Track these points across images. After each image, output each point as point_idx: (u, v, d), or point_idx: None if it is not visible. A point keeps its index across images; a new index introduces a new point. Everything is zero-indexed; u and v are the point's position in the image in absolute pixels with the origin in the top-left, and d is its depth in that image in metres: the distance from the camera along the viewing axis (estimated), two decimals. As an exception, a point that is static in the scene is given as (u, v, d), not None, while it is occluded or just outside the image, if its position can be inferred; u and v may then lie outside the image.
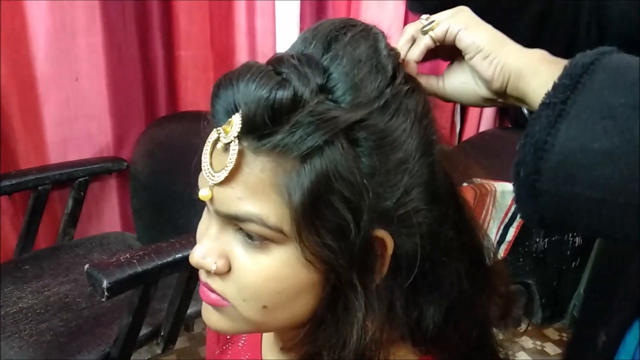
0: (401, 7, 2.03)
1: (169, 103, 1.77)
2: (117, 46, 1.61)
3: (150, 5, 1.63)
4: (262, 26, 1.79)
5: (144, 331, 1.26)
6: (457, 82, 0.51)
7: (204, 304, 0.49)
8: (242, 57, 1.76)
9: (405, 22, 2.07)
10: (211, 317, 0.49)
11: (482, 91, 0.50)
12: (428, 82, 0.52)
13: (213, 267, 0.45)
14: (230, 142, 0.41)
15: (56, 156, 1.59)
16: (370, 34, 0.45)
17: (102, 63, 1.59)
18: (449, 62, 0.54)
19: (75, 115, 1.59)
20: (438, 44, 0.50)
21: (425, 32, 0.51)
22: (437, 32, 0.50)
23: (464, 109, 2.42)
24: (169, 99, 1.77)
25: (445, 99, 0.53)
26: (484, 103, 0.51)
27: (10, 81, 1.45)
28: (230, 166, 0.41)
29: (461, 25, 0.48)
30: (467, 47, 0.48)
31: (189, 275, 1.25)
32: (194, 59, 1.71)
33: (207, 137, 0.44)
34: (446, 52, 0.52)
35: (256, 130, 0.41)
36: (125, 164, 1.70)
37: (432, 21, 0.50)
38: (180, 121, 1.70)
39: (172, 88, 1.75)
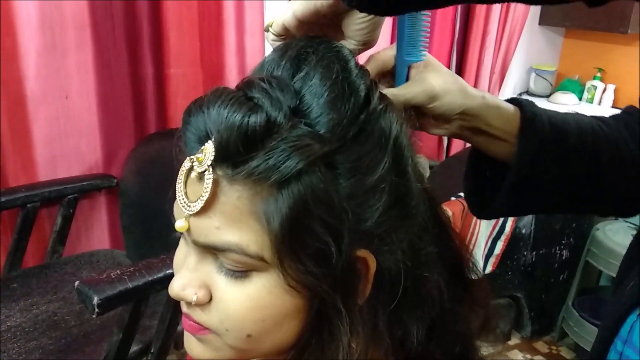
0: (387, 29, 2.06)
1: (158, 120, 1.78)
2: (107, 64, 1.62)
3: (140, 23, 1.65)
4: (251, 45, 1.81)
5: (133, 348, 1.25)
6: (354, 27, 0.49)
7: (186, 334, 0.48)
8: (231, 75, 1.77)
9: (393, 38, 2.10)
10: (195, 348, 0.47)
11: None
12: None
13: (194, 299, 0.44)
14: (205, 170, 0.40)
15: (45, 174, 1.58)
16: (339, 53, 0.45)
17: (92, 81, 1.60)
18: None
19: (65, 133, 1.59)
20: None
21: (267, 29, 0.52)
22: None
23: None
24: (158, 116, 1.77)
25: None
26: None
27: (0, 99, 1.45)
28: (206, 196, 0.40)
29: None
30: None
31: (180, 292, 1.23)
32: (184, 76, 1.72)
33: (179, 166, 0.43)
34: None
35: (230, 157, 0.40)
36: (115, 180, 1.70)
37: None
38: (170, 138, 1.65)
39: (161, 105, 1.75)
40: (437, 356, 0.50)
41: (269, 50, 0.51)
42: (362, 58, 0.52)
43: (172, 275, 1.27)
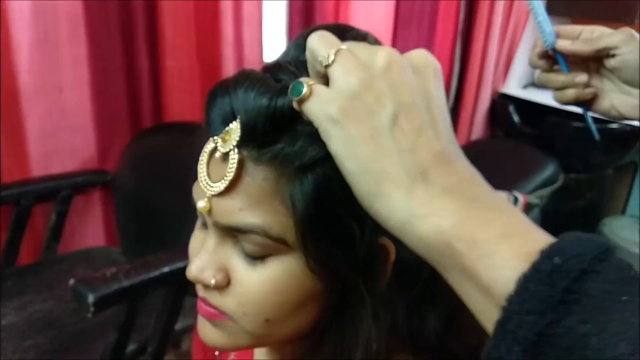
0: (390, 19, 2.03)
1: (154, 114, 1.75)
2: (101, 57, 1.59)
3: (135, 15, 1.61)
4: (249, 36, 1.77)
5: (130, 348, 1.24)
6: None
7: (200, 320, 0.47)
8: (229, 67, 1.74)
9: (394, 35, 2.07)
10: (209, 334, 0.47)
11: None
12: None
13: (212, 282, 0.43)
14: (230, 151, 0.40)
15: (39, 169, 1.55)
16: (365, 40, 0.44)
17: (86, 74, 1.56)
18: None
19: (59, 128, 1.56)
20: None
21: None
22: None
23: (455, 120, 2.42)
24: (154, 110, 1.74)
25: None
26: None
27: (-8, 93, 1.42)
28: (231, 176, 0.40)
29: None
30: None
31: (177, 290, 1.22)
32: (180, 69, 1.69)
33: (201, 148, 0.43)
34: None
35: (256, 138, 0.40)
36: (110, 176, 1.67)
37: None
38: (166, 132, 1.68)
39: (157, 99, 1.72)
40: (454, 348, 0.49)
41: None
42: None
43: (168, 274, 1.26)
